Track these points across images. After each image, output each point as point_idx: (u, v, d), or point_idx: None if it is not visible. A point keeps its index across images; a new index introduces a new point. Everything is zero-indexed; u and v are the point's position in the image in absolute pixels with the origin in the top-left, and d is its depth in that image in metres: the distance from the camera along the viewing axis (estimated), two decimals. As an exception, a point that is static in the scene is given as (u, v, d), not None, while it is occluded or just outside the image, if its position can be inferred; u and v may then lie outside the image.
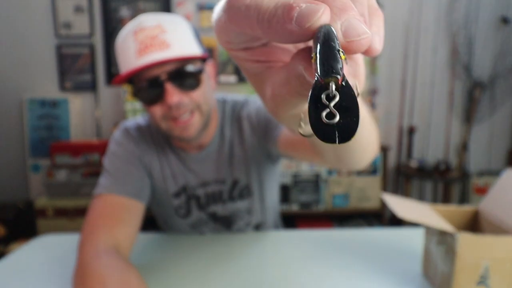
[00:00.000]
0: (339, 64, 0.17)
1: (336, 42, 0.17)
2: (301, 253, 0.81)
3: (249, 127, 0.85)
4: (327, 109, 0.16)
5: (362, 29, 0.18)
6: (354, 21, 0.18)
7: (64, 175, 2.26)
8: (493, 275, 0.59)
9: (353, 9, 0.19)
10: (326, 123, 0.16)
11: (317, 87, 0.17)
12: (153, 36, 0.69)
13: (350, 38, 0.18)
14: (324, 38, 0.17)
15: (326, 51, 0.17)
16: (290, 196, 2.41)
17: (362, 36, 0.18)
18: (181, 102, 0.71)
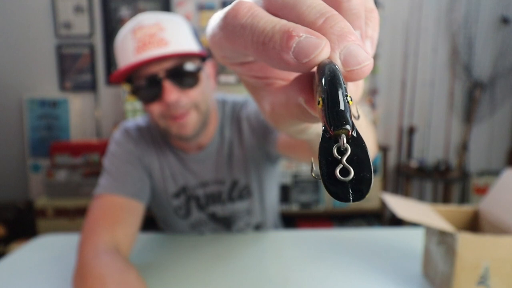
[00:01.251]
0: (348, 113, 0.16)
1: (343, 85, 0.16)
2: (301, 253, 0.81)
3: (249, 128, 0.84)
4: (340, 165, 0.15)
5: (362, 56, 0.17)
6: (354, 48, 0.17)
7: (64, 175, 2.26)
8: (493, 275, 0.59)
9: (352, 34, 0.17)
10: (339, 180, 0.15)
11: (327, 140, 0.16)
12: (152, 34, 0.69)
13: (351, 68, 0.17)
14: (330, 82, 0.16)
15: (334, 98, 0.16)
16: (290, 196, 2.41)
17: (363, 64, 0.17)
18: (179, 100, 0.70)
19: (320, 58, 0.17)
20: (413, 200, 0.74)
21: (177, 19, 0.75)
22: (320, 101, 0.16)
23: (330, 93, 0.16)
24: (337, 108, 0.16)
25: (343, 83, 0.16)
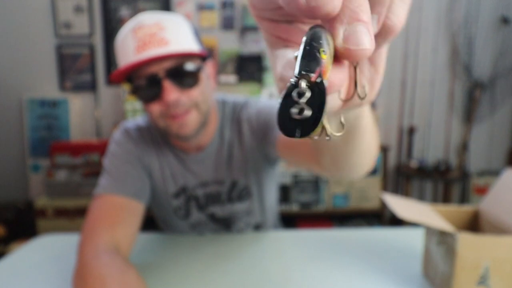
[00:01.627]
0: (315, 63, 0.17)
1: (321, 42, 0.17)
2: (301, 253, 0.81)
3: (249, 129, 0.84)
4: (296, 105, 0.17)
5: (365, 40, 0.18)
6: (360, 29, 0.18)
7: (64, 175, 2.26)
8: (493, 275, 0.59)
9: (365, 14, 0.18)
10: (290, 118, 0.17)
11: (291, 85, 0.18)
12: (152, 33, 0.69)
13: (348, 46, 0.18)
14: (308, 39, 0.18)
15: (305, 51, 0.17)
16: (290, 196, 2.41)
17: (361, 47, 0.18)
18: (179, 100, 0.70)
19: (328, 7, 0.17)
20: (413, 200, 0.74)
21: (178, 18, 0.75)
22: (295, 56, 0.18)
23: (304, 46, 0.17)
24: (305, 58, 0.17)
25: (322, 40, 0.17)
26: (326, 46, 0.18)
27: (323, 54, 0.17)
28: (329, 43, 0.18)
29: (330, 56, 0.18)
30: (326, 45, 0.18)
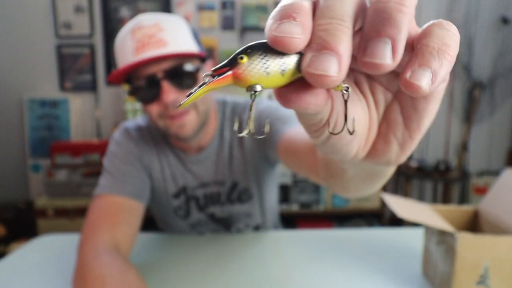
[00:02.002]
0: (224, 64, 0.19)
1: (252, 52, 0.19)
2: (301, 253, 0.81)
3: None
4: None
5: (328, 67, 0.17)
6: (325, 57, 0.17)
7: (64, 175, 2.26)
8: (493, 275, 0.59)
9: (336, 48, 0.17)
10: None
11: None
12: (151, 34, 0.69)
13: (309, 70, 0.18)
14: (245, 48, 0.19)
15: (232, 56, 0.19)
16: (290, 196, 2.41)
17: (323, 72, 0.17)
18: (178, 100, 0.70)
19: (291, 44, 0.18)
20: (413, 200, 0.74)
21: (177, 19, 0.75)
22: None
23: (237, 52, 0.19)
24: (227, 60, 0.19)
25: (255, 51, 0.19)
26: (259, 55, 0.18)
27: (240, 59, 0.18)
28: (278, 61, 0.19)
29: (280, 71, 0.18)
30: (260, 56, 0.18)
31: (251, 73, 0.18)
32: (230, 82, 0.19)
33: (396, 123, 0.24)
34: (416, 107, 0.23)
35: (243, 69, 0.18)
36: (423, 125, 0.23)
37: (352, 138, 0.24)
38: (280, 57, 0.19)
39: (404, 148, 0.25)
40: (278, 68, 0.19)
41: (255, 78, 0.18)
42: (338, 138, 0.23)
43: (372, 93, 0.25)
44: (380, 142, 0.25)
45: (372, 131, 0.25)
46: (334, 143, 0.24)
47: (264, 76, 0.18)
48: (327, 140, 0.24)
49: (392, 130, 0.24)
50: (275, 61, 0.19)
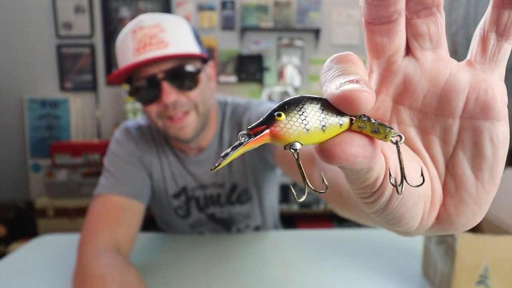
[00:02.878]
0: (260, 123, 0.18)
1: (289, 108, 0.18)
2: (301, 253, 0.81)
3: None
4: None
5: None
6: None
7: (64, 175, 2.26)
8: (493, 275, 0.59)
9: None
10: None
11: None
12: (152, 35, 0.69)
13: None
14: (282, 104, 0.18)
15: (269, 113, 0.18)
16: (290, 196, 2.41)
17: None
18: (178, 101, 0.70)
19: (361, 98, 0.17)
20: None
21: (179, 20, 0.74)
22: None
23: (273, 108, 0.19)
24: (263, 118, 0.19)
25: (293, 107, 0.18)
26: (297, 112, 0.18)
27: (278, 117, 0.17)
28: (317, 114, 0.18)
29: (320, 127, 0.18)
30: (298, 112, 0.18)
31: (290, 130, 0.17)
32: (268, 141, 0.18)
33: (465, 177, 0.21)
34: (483, 154, 0.20)
35: (281, 127, 0.17)
36: (497, 173, 0.20)
37: (416, 201, 0.20)
38: (319, 112, 0.18)
39: (480, 204, 0.21)
40: (318, 124, 0.18)
41: (294, 136, 0.17)
42: (399, 202, 0.20)
43: (427, 148, 0.22)
44: (450, 204, 0.21)
45: (436, 192, 0.22)
46: (395, 209, 0.20)
47: (303, 133, 0.17)
48: (386, 205, 0.20)
49: (462, 187, 0.21)
50: (314, 117, 0.18)
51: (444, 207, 0.22)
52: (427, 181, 0.21)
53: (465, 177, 0.21)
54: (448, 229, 0.22)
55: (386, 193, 0.20)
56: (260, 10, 2.48)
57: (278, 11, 2.49)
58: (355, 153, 0.17)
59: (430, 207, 0.22)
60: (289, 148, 0.18)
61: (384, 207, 0.21)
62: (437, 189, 0.22)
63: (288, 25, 2.47)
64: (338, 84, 0.17)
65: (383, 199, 0.20)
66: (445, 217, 0.22)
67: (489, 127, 0.19)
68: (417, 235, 0.24)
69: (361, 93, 0.16)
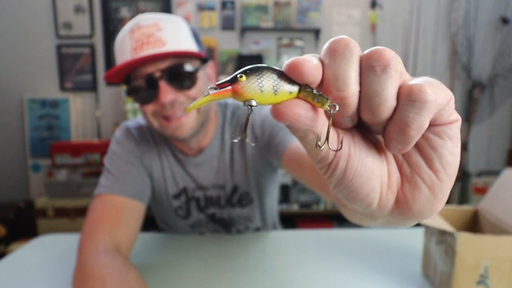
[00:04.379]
0: (226, 81, 0.22)
1: (250, 72, 0.22)
2: (301, 253, 0.81)
3: (251, 137, 0.83)
4: None
5: (304, 61, 0.21)
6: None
7: (64, 175, 2.26)
8: (493, 274, 0.59)
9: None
10: None
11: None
12: (149, 34, 0.68)
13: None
14: (247, 68, 0.22)
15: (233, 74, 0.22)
16: (290, 196, 2.41)
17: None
18: (176, 100, 0.69)
19: (303, 66, 0.21)
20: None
21: (177, 20, 0.74)
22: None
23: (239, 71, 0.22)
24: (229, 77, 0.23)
25: (255, 71, 0.22)
26: (256, 76, 0.22)
27: (240, 78, 0.21)
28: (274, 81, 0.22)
29: (268, 89, 0.21)
30: (256, 76, 0.22)
31: (248, 89, 0.21)
32: (229, 95, 0.22)
33: (418, 165, 0.23)
34: (433, 147, 0.22)
35: (241, 85, 0.21)
36: (448, 165, 0.22)
37: (369, 175, 0.23)
38: (274, 79, 0.22)
39: (435, 192, 0.23)
40: (271, 88, 0.22)
41: (250, 94, 0.21)
42: (353, 174, 0.23)
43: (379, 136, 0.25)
44: (407, 188, 0.24)
45: (392, 175, 0.24)
46: (350, 180, 0.23)
47: (258, 93, 0.21)
48: (342, 177, 0.23)
49: (416, 172, 0.23)
50: (269, 82, 0.22)
51: (402, 191, 0.24)
52: (380, 163, 0.24)
53: (418, 164, 0.23)
54: (407, 215, 0.24)
55: (340, 164, 0.23)
56: (260, 10, 2.48)
57: (278, 11, 2.49)
58: (299, 113, 0.21)
59: (388, 188, 0.24)
60: (246, 105, 0.21)
61: (340, 178, 0.23)
62: (393, 172, 0.24)
63: (288, 25, 2.47)
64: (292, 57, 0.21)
65: (338, 170, 0.23)
66: (403, 200, 0.24)
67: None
68: (381, 218, 0.26)
69: (304, 62, 0.21)
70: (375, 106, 0.21)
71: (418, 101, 0.20)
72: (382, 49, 0.21)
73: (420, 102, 0.20)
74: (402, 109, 0.21)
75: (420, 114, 0.20)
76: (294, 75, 0.21)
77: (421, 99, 0.20)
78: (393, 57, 0.21)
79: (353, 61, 0.21)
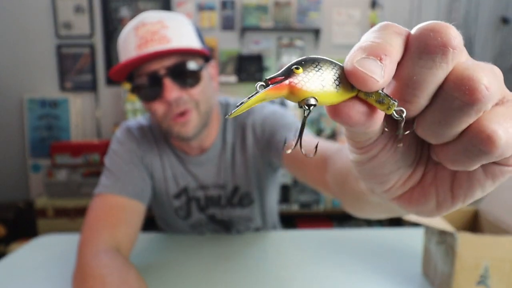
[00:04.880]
0: (278, 74, 0.18)
1: (306, 63, 0.18)
2: (301, 253, 0.81)
3: (253, 137, 0.83)
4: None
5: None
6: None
7: (64, 175, 2.26)
8: (493, 275, 0.59)
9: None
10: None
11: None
12: (154, 31, 0.68)
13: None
14: (301, 60, 0.19)
15: (287, 67, 0.19)
16: (290, 196, 2.41)
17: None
18: (180, 98, 0.70)
19: (367, 82, 0.18)
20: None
21: (181, 17, 0.74)
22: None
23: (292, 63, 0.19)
24: (281, 71, 0.19)
25: (311, 62, 0.19)
26: (314, 67, 0.18)
27: (296, 69, 0.18)
28: (332, 72, 0.18)
29: (329, 84, 0.18)
30: (314, 68, 0.18)
31: (308, 84, 0.18)
32: (285, 93, 0.18)
33: (443, 181, 0.22)
34: (471, 177, 0.21)
35: (299, 79, 0.18)
36: (470, 197, 0.21)
37: (394, 170, 0.23)
38: (333, 73, 0.18)
39: (440, 208, 0.23)
40: (332, 83, 0.18)
41: (310, 90, 0.18)
42: (380, 163, 0.22)
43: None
44: (418, 191, 0.23)
45: (415, 174, 0.24)
46: (375, 167, 0.23)
47: (320, 90, 0.18)
48: (369, 160, 0.23)
49: (435, 185, 0.23)
50: (329, 75, 0.18)
51: (411, 191, 0.24)
52: (411, 161, 0.23)
53: (443, 181, 0.22)
54: (404, 209, 0.24)
55: (374, 150, 0.22)
56: (260, 10, 2.48)
57: (278, 11, 2.49)
58: (358, 119, 0.19)
59: (402, 184, 0.24)
60: (304, 104, 0.18)
61: (367, 161, 0.23)
62: (416, 176, 0.24)
63: (288, 25, 2.47)
64: (358, 57, 0.18)
65: (370, 154, 0.22)
66: (408, 198, 0.24)
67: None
68: (380, 198, 0.26)
69: (369, 78, 0.17)
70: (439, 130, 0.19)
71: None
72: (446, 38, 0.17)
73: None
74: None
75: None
76: (355, 84, 0.18)
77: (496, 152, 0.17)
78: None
79: (447, 69, 0.18)
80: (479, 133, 0.17)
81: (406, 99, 0.19)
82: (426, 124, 0.19)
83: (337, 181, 0.49)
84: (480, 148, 0.17)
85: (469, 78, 0.17)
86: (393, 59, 0.18)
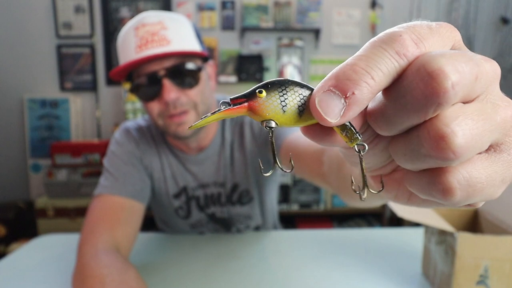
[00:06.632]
0: (241, 96, 0.19)
1: (271, 87, 0.19)
2: (301, 253, 0.81)
3: (251, 134, 0.84)
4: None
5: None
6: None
7: (64, 175, 2.26)
8: (493, 275, 0.59)
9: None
10: None
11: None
12: (154, 32, 0.69)
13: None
14: (268, 83, 0.19)
15: (251, 89, 0.19)
16: (290, 196, 2.41)
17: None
18: (178, 99, 0.70)
19: (322, 121, 0.18)
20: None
21: (181, 18, 0.75)
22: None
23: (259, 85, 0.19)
24: (247, 92, 0.20)
25: (276, 87, 0.19)
26: (278, 92, 0.18)
27: (259, 93, 0.18)
28: (296, 97, 0.18)
29: (292, 110, 0.18)
30: (279, 93, 0.18)
31: (267, 108, 0.18)
32: (245, 113, 0.19)
33: (402, 182, 0.23)
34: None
35: (260, 103, 0.18)
36: (427, 204, 0.22)
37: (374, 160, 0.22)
38: (299, 98, 0.18)
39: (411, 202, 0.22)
40: (296, 108, 0.18)
41: (270, 114, 0.18)
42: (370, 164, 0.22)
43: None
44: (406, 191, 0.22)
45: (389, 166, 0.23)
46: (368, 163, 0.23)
47: (280, 114, 0.18)
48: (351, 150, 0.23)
49: (398, 182, 0.23)
50: (294, 101, 0.18)
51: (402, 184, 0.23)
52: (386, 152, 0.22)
53: (402, 182, 0.22)
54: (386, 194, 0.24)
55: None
56: (260, 10, 2.48)
57: (278, 11, 2.49)
58: (321, 140, 0.19)
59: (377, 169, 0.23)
60: (264, 126, 0.18)
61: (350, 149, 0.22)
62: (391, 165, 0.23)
63: (288, 25, 2.47)
64: (325, 87, 0.17)
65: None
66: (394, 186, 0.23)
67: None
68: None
69: (322, 118, 0.17)
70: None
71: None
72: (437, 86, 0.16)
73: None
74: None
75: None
76: (314, 117, 0.18)
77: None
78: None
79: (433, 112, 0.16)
80: (429, 133, 0.16)
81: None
82: (378, 116, 0.18)
83: (332, 169, 0.50)
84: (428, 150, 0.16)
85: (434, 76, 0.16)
86: (363, 96, 0.17)
